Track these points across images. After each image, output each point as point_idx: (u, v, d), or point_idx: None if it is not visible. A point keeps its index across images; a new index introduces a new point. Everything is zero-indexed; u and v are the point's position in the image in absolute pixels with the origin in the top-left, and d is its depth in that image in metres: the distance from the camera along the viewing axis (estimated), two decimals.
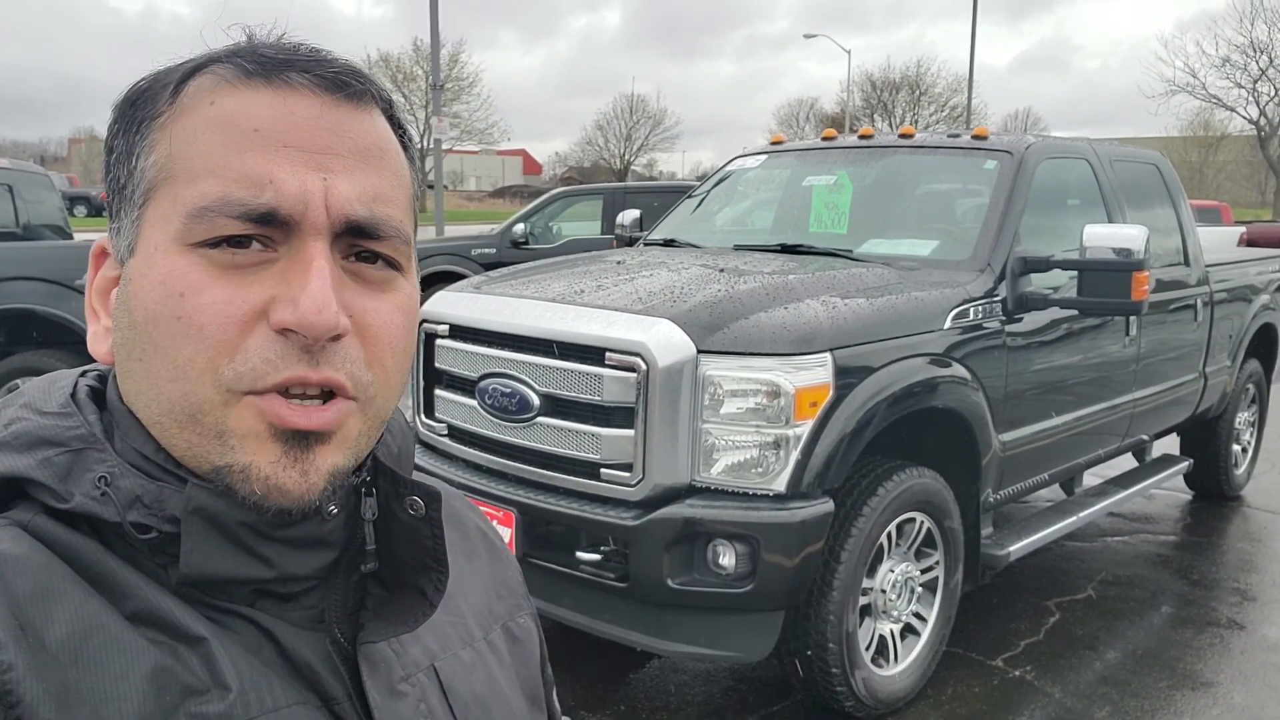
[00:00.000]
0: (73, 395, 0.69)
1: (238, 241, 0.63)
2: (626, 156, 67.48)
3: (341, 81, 0.66)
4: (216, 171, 0.63)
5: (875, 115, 61.19)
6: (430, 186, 21.51)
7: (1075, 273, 3.99)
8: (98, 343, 0.70)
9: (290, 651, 0.67)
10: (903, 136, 4.83)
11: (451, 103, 51.91)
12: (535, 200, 12.08)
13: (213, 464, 0.64)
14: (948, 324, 3.63)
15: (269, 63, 0.65)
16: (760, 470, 3.12)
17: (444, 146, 22.71)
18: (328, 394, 0.65)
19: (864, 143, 4.92)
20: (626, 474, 3.16)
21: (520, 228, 10.99)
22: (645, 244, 5.06)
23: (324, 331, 0.62)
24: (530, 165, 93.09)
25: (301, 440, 0.64)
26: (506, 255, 10.30)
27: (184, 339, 0.62)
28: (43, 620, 0.59)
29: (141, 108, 0.67)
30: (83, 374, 0.73)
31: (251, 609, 0.67)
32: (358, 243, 0.67)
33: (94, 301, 0.71)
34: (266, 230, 0.63)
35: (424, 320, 3.78)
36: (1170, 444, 5.88)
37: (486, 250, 10.74)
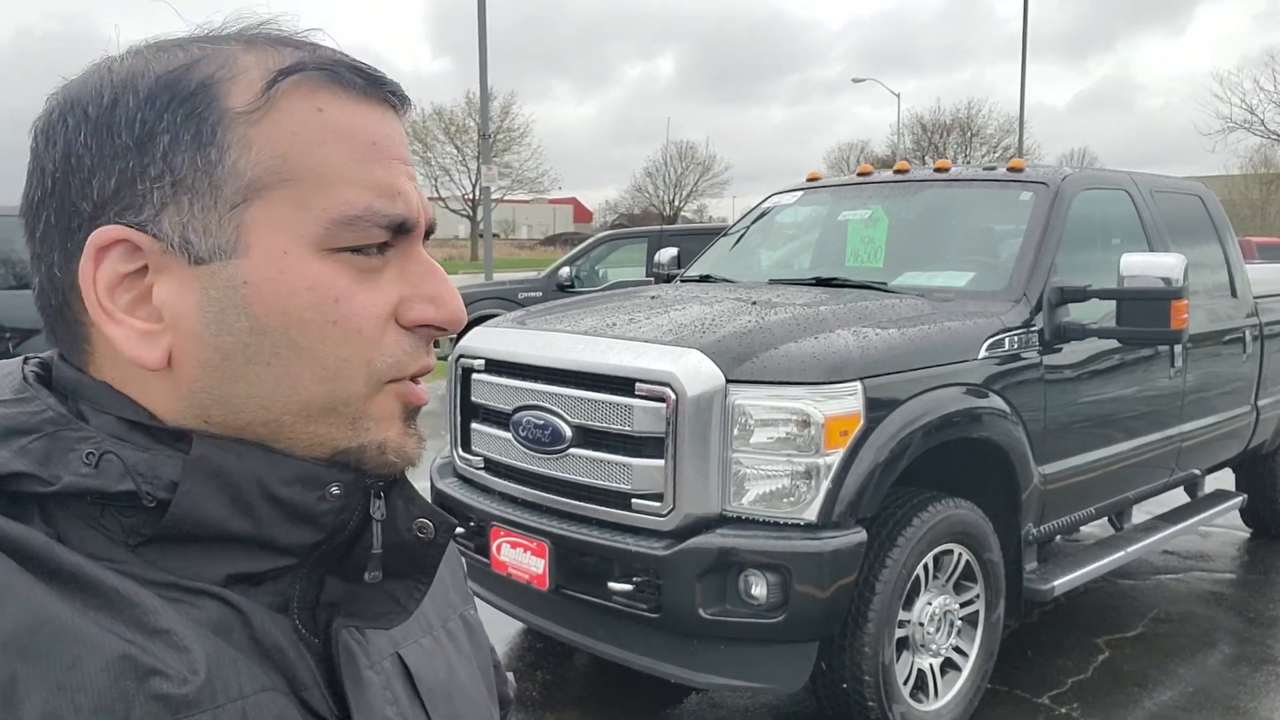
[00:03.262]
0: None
1: (358, 247, 0.68)
2: (676, 202, 67.99)
3: (404, 99, 0.73)
4: (353, 181, 0.66)
5: (926, 157, 61.04)
6: (481, 235, 21.88)
7: (1114, 303, 3.95)
8: (142, 346, 0.65)
9: (261, 634, 0.66)
10: (938, 170, 4.84)
11: (503, 153, 52.82)
12: (581, 245, 12.24)
13: (335, 447, 0.68)
14: (982, 354, 3.62)
15: (369, 79, 0.70)
16: (791, 500, 3.12)
17: (494, 195, 23.09)
18: None
19: (899, 177, 4.94)
20: (657, 504, 3.18)
21: (566, 271, 11.15)
22: (682, 280, 5.11)
23: (460, 326, 0.72)
24: (581, 213, 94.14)
25: (414, 414, 0.73)
26: (553, 298, 10.41)
27: (341, 341, 0.66)
28: None
29: (207, 97, 0.65)
30: (25, 361, 0.71)
31: (223, 589, 0.65)
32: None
33: (103, 300, 0.65)
34: (393, 238, 0.69)
35: (461, 355, 3.86)
36: (1226, 479, 5.74)
37: (533, 294, 10.89)
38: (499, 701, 0.93)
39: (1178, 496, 5.21)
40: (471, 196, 56.26)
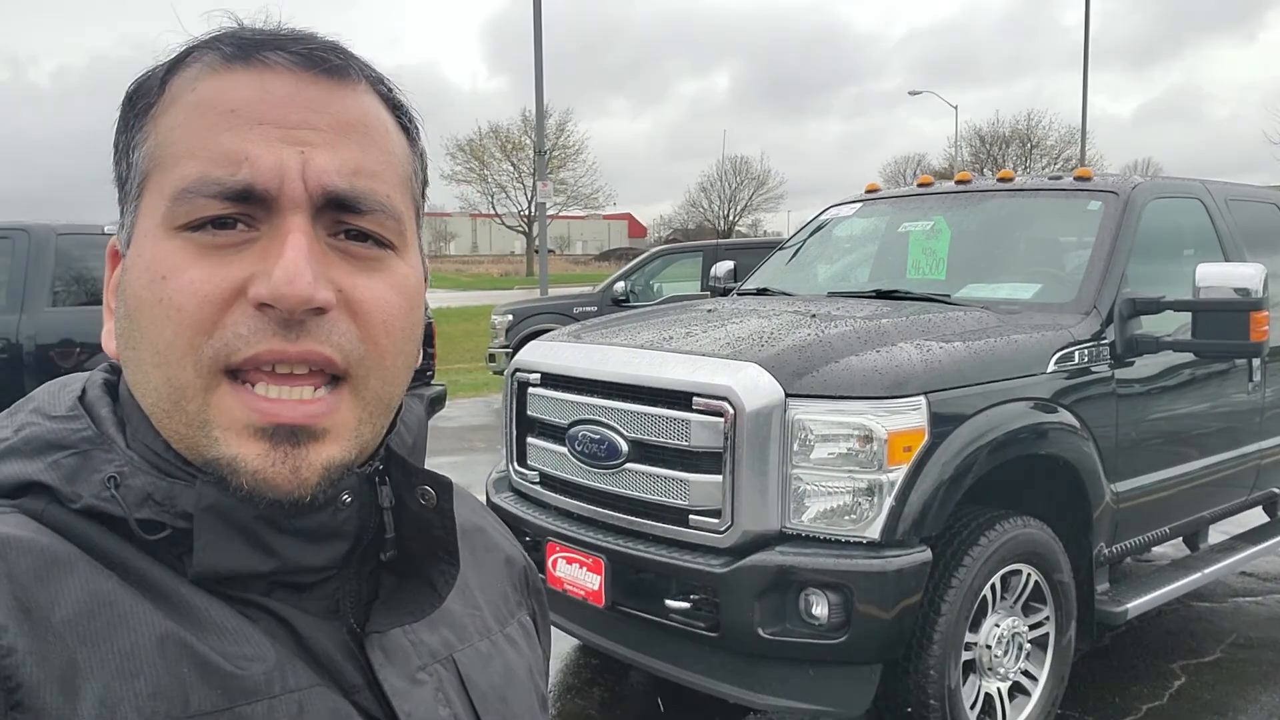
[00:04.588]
0: (82, 398, 0.70)
1: (222, 223, 0.63)
2: (730, 217, 67.86)
3: (318, 57, 0.66)
4: (196, 153, 0.63)
5: (985, 169, 60.20)
6: (537, 251, 22.10)
7: (1189, 315, 3.81)
8: (109, 339, 0.70)
9: (308, 640, 0.67)
10: (1001, 180, 4.73)
11: (558, 169, 53.24)
12: (636, 259, 12.23)
13: (203, 456, 0.64)
14: (1051, 367, 3.50)
15: (246, 44, 0.65)
16: (853, 517, 3.04)
17: (550, 211, 23.26)
18: (320, 376, 0.64)
19: (961, 188, 4.83)
20: (715, 520, 3.12)
21: (621, 286, 11.14)
22: (739, 293, 5.05)
23: (298, 302, 0.61)
24: (635, 228, 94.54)
25: (289, 435, 0.63)
26: (608, 313, 10.42)
27: (165, 321, 0.62)
28: (48, 600, 0.58)
29: (137, 103, 0.68)
30: (99, 369, 0.74)
31: (267, 599, 0.67)
32: (342, 219, 0.66)
33: (109, 299, 0.71)
34: (246, 208, 0.63)
35: (517, 369, 3.84)
36: None
37: (588, 309, 10.90)
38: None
39: (1256, 516, 5.00)
40: (527, 213, 56.78)
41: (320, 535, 0.68)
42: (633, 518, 3.33)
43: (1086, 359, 3.65)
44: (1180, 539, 4.49)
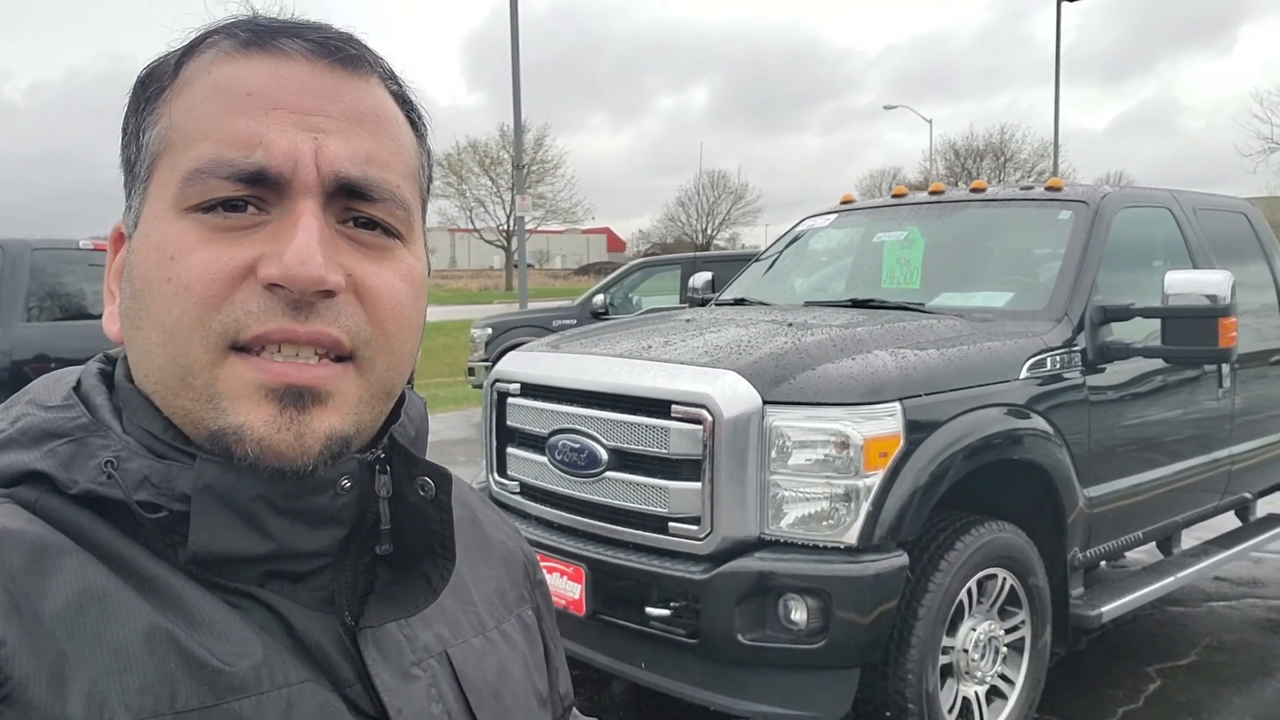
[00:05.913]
0: (77, 388, 0.70)
1: (233, 205, 0.64)
2: (709, 231, 68.07)
3: (334, 46, 0.67)
4: (209, 135, 0.64)
5: (959, 183, 60.65)
6: (515, 265, 22.11)
7: (1159, 322, 3.88)
8: (111, 322, 0.71)
9: (300, 633, 0.66)
10: (974, 191, 4.80)
11: (536, 184, 53.27)
12: (615, 272, 12.27)
13: (208, 429, 0.64)
14: (1024, 374, 3.55)
15: (263, 31, 0.66)
16: (831, 522, 3.07)
17: (528, 226, 23.29)
18: (327, 359, 0.65)
19: (935, 198, 4.90)
20: (695, 527, 3.14)
21: (600, 298, 11.16)
22: (716, 304, 5.09)
23: (309, 284, 0.62)
24: (614, 243, 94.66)
25: (296, 399, 0.64)
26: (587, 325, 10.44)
27: (172, 299, 0.63)
28: (37, 593, 0.58)
29: (149, 86, 0.68)
30: (93, 360, 0.74)
31: (261, 589, 0.66)
32: (353, 206, 0.67)
33: (111, 283, 0.72)
34: (258, 191, 0.64)
35: (496, 380, 3.85)
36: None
37: (567, 321, 10.91)
38: (561, 696, 0.94)
39: (1229, 521, 5.07)
40: (506, 227, 56.76)
41: (318, 519, 0.68)
42: (613, 526, 3.34)
43: (1059, 365, 3.71)
44: (1153, 544, 4.55)
